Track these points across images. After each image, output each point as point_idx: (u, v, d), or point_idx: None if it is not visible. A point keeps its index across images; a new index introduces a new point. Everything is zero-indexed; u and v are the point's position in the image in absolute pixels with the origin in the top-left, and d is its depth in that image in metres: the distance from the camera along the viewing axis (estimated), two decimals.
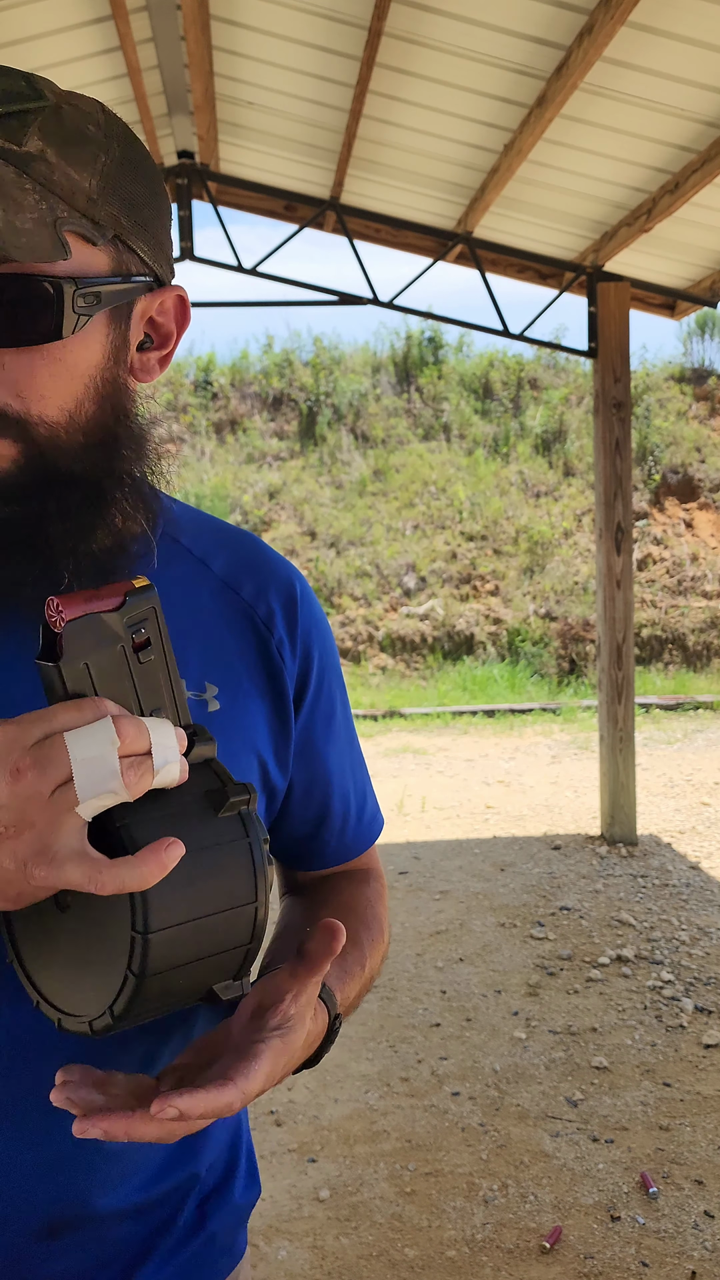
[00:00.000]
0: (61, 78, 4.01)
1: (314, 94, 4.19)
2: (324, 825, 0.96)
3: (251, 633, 0.85)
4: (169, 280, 0.77)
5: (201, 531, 0.88)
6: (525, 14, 3.28)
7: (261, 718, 0.84)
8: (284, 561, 0.91)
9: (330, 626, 1.12)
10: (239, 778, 0.74)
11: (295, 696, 0.87)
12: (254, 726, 0.83)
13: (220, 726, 0.79)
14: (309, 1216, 2.38)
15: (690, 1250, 2.25)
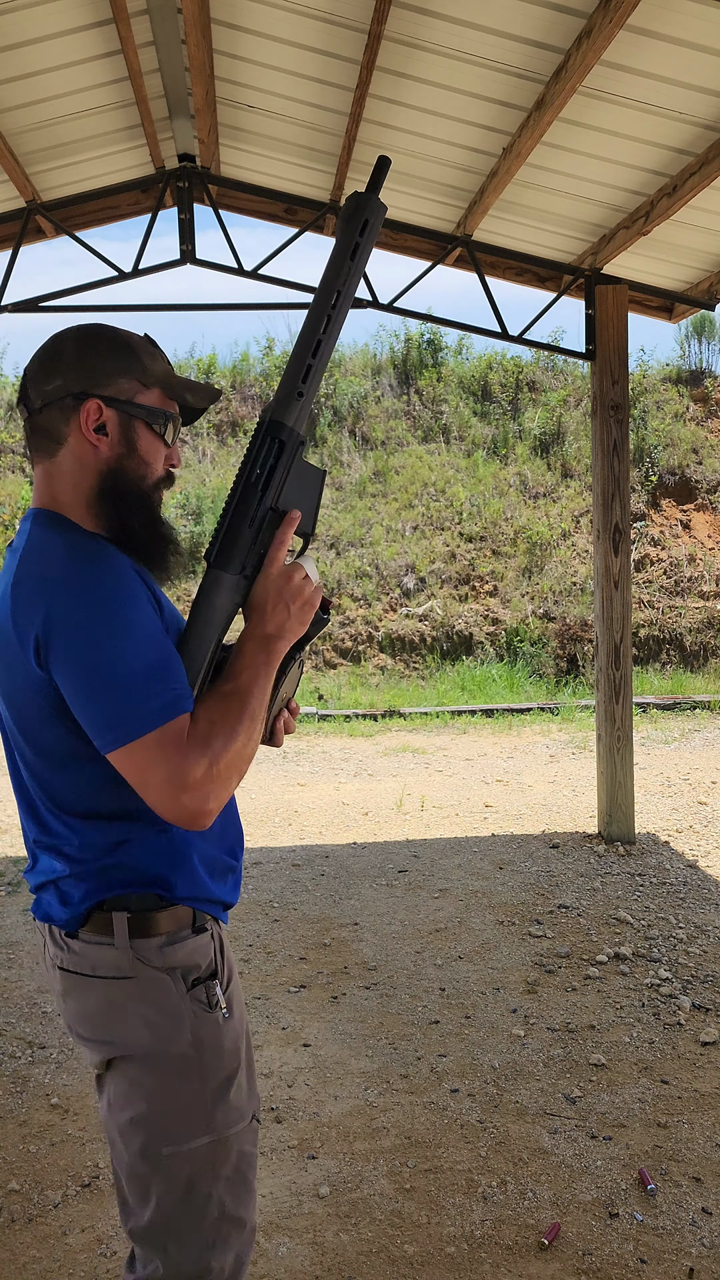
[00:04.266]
0: (63, 81, 4.03)
1: (314, 97, 4.20)
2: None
3: None
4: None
5: None
6: (524, 18, 3.30)
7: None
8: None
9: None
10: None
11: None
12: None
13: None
14: (308, 1213, 2.40)
15: (688, 1247, 2.27)
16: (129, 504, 1.39)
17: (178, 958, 1.38)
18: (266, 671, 1.35)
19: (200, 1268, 1.39)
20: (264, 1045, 3.22)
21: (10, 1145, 2.70)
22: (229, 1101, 1.40)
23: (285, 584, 1.36)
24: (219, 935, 1.44)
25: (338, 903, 4.57)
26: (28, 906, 4.59)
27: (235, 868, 1.49)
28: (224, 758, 1.27)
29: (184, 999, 1.37)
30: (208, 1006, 1.39)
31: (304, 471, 1.41)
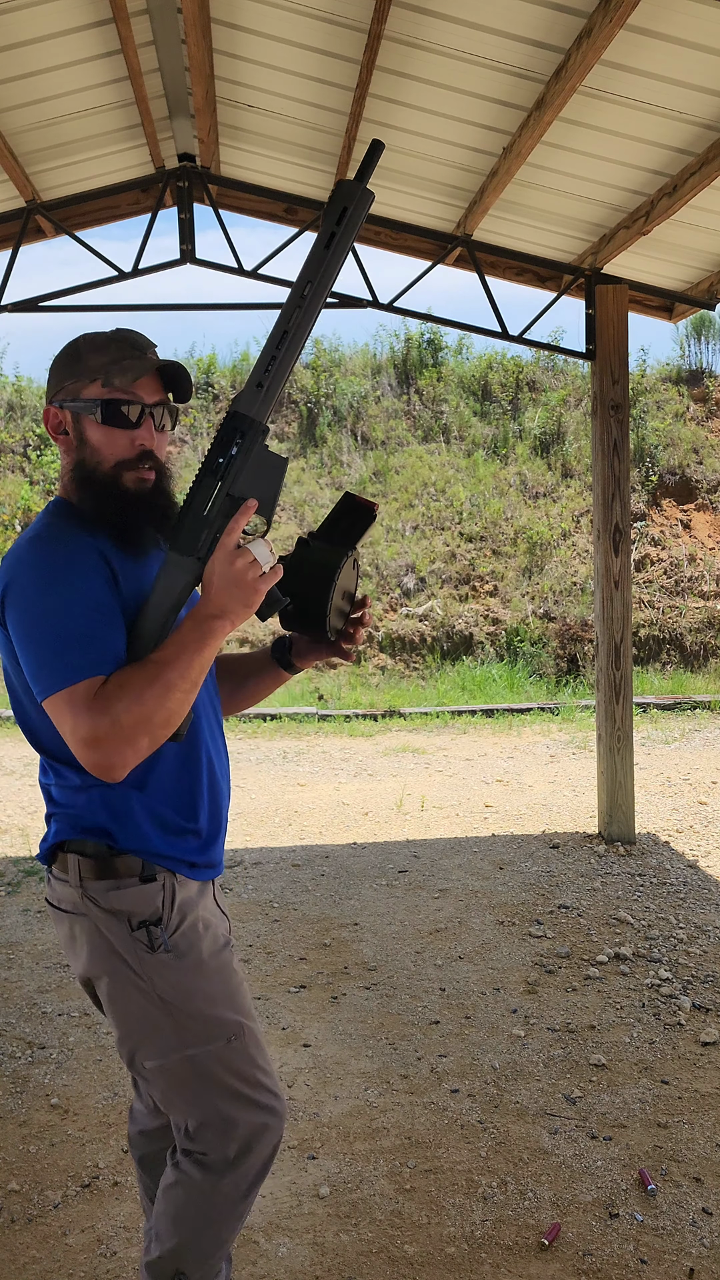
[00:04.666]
0: (63, 81, 4.03)
1: (314, 97, 4.20)
2: None
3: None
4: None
5: None
6: (524, 17, 3.30)
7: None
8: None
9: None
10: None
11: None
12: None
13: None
14: (309, 1213, 2.39)
15: (688, 1247, 2.27)
16: (92, 490, 1.57)
17: (123, 902, 1.56)
18: (196, 647, 1.46)
19: (199, 1143, 1.62)
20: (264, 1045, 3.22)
21: (10, 1145, 2.70)
22: (192, 1026, 1.58)
23: (229, 567, 1.45)
24: (172, 887, 1.59)
25: (338, 903, 4.57)
26: (28, 906, 4.59)
27: (196, 830, 1.63)
28: (125, 719, 1.40)
29: (128, 939, 1.56)
30: (149, 948, 1.56)
31: (265, 460, 1.49)
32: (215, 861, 1.68)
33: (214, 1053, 1.60)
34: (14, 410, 13.41)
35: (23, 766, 7.77)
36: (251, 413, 1.48)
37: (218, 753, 1.70)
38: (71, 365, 1.58)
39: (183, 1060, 1.59)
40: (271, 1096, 1.66)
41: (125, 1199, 2.46)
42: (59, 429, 1.60)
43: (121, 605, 1.52)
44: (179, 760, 1.62)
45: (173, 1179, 1.66)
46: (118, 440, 1.57)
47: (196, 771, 1.64)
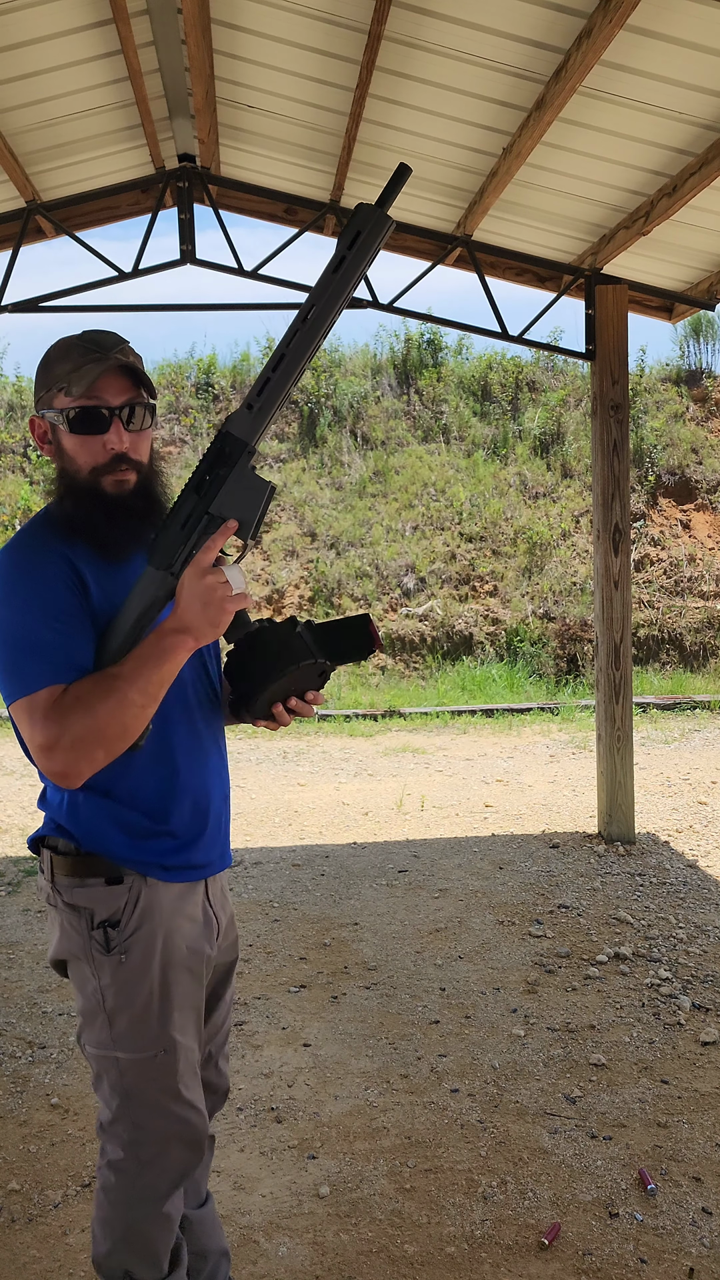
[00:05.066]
0: (63, 81, 4.03)
1: (314, 97, 4.20)
2: None
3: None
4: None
5: None
6: (524, 18, 3.30)
7: None
8: None
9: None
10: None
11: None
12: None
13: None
14: (309, 1213, 2.40)
15: (688, 1247, 2.27)
16: (74, 497, 1.58)
17: (86, 900, 1.60)
18: (155, 662, 1.46)
19: (111, 1144, 1.66)
20: (264, 1045, 3.22)
21: (10, 1145, 2.70)
22: (124, 1032, 1.62)
23: (199, 584, 1.45)
24: (139, 890, 1.60)
25: (338, 903, 4.57)
26: (28, 906, 4.59)
27: (168, 832, 1.63)
28: (78, 730, 1.43)
29: (87, 935, 1.61)
30: (104, 949, 1.60)
31: (251, 483, 1.48)
32: (199, 862, 1.67)
33: (139, 1062, 1.63)
34: (14, 410, 13.42)
35: (23, 766, 7.77)
36: (241, 434, 1.48)
37: (201, 753, 1.68)
38: (44, 374, 1.59)
39: (112, 1059, 1.64)
40: (189, 1110, 1.67)
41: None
42: (44, 439, 1.62)
43: (94, 613, 1.53)
44: (148, 764, 1.61)
45: (98, 1184, 1.71)
46: (90, 446, 1.56)
47: (168, 774, 1.63)
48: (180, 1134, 1.66)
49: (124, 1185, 1.66)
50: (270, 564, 12.11)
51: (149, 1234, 1.67)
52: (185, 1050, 1.66)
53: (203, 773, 1.68)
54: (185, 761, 1.65)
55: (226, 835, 1.76)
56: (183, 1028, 1.65)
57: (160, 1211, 1.67)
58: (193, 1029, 1.68)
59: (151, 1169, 1.65)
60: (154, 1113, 1.64)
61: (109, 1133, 1.67)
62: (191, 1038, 1.68)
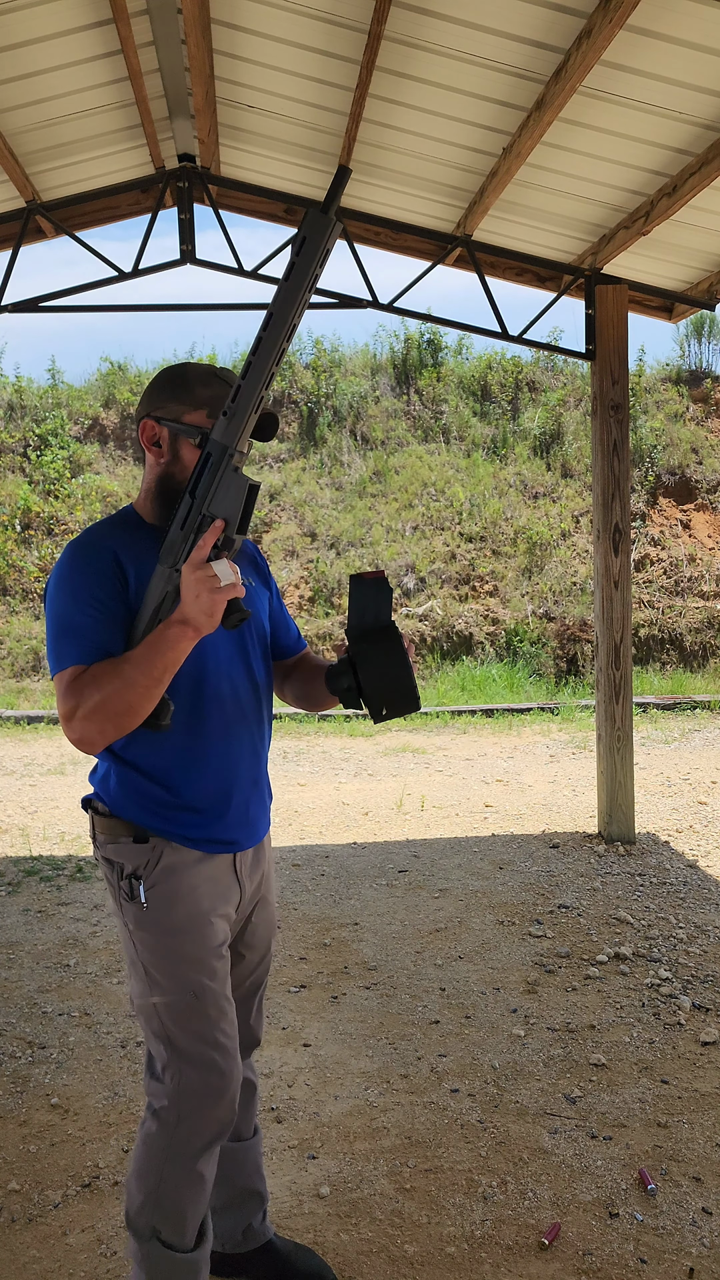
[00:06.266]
0: (63, 81, 4.03)
1: (314, 97, 4.20)
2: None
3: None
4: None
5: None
6: (524, 17, 3.30)
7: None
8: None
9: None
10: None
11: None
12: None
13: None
14: (309, 1213, 2.40)
15: (688, 1247, 2.27)
16: (168, 500, 1.79)
17: (117, 855, 1.82)
18: (159, 649, 1.63)
19: (157, 1092, 1.83)
20: (264, 1045, 3.22)
21: (10, 1145, 2.70)
22: (157, 977, 1.80)
23: (190, 578, 1.60)
24: (161, 851, 1.80)
25: (338, 903, 4.57)
26: (28, 906, 4.59)
27: (191, 808, 1.81)
28: (88, 705, 1.64)
29: (117, 885, 1.82)
30: (130, 897, 1.80)
31: (235, 482, 1.64)
32: (222, 838, 1.84)
33: (172, 1005, 1.80)
34: (14, 410, 13.41)
35: (23, 766, 7.77)
36: (221, 439, 1.62)
37: (231, 738, 1.85)
38: (178, 390, 1.78)
39: (151, 1006, 1.81)
40: (225, 1058, 1.82)
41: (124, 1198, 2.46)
42: (153, 441, 1.80)
43: (131, 604, 1.74)
44: (176, 744, 1.79)
45: (139, 1136, 1.86)
46: None
47: (195, 755, 1.81)
48: (216, 1085, 1.81)
49: (163, 1135, 1.81)
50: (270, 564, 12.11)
51: (180, 1193, 1.81)
52: (214, 995, 1.82)
53: (231, 757, 1.84)
54: (213, 744, 1.82)
55: (257, 816, 1.91)
56: (211, 972, 1.82)
57: (194, 1169, 1.81)
58: (220, 976, 1.83)
59: (188, 1122, 1.80)
60: (193, 1061, 1.80)
61: (159, 1081, 1.83)
62: (220, 983, 1.83)
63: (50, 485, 12.59)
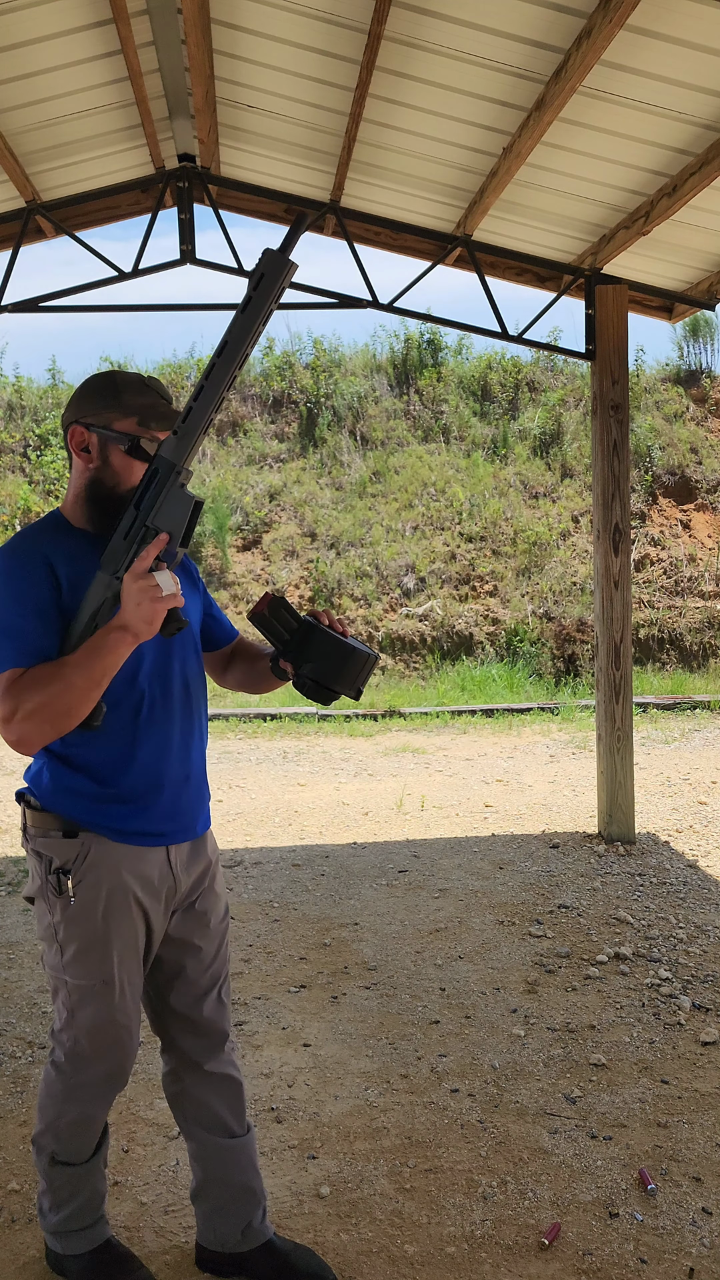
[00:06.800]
0: (63, 81, 4.03)
1: (314, 97, 4.20)
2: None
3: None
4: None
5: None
6: (524, 17, 3.30)
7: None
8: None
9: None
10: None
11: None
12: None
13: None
14: (309, 1213, 2.40)
15: (688, 1247, 2.27)
16: (103, 504, 1.86)
17: (46, 848, 1.90)
18: (99, 653, 1.71)
19: (57, 1048, 2.00)
20: (264, 1045, 3.22)
21: (10, 1145, 2.70)
22: (76, 961, 1.91)
23: (133, 587, 1.68)
24: (89, 846, 1.88)
25: (338, 903, 4.57)
26: (28, 906, 4.59)
27: (120, 798, 1.89)
28: (28, 707, 1.70)
29: (44, 878, 1.91)
30: (57, 891, 1.89)
31: (181, 499, 1.73)
32: (153, 831, 1.93)
33: (82, 988, 1.92)
34: (14, 410, 13.41)
35: (22, 766, 7.77)
36: (170, 456, 1.71)
37: (162, 736, 1.93)
38: (107, 398, 1.85)
39: (62, 980, 1.94)
40: (123, 1038, 1.97)
41: (125, 1199, 2.46)
42: (82, 447, 1.86)
43: (64, 607, 1.80)
44: (107, 741, 1.88)
45: (42, 1076, 2.06)
46: (137, 470, 1.85)
47: (125, 751, 1.89)
48: (108, 1058, 1.97)
49: (59, 1083, 2.00)
50: (270, 564, 12.11)
51: (74, 1127, 2.02)
52: (123, 984, 1.94)
53: (159, 751, 1.92)
54: (142, 739, 1.90)
55: (189, 810, 1.99)
56: (122, 965, 1.93)
57: (84, 1113, 2.02)
58: (133, 967, 1.95)
59: (81, 1075, 1.98)
60: (90, 1034, 1.95)
61: (57, 1039, 2.00)
62: (132, 974, 1.95)
63: (50, 485, 12.59)
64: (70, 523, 1.90)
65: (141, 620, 1.68)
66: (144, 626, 1.69)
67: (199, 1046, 2.10)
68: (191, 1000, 2.07)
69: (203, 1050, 2.10)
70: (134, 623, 1.69)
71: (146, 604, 1.67)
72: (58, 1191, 2.07)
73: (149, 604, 1.67)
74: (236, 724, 9.50)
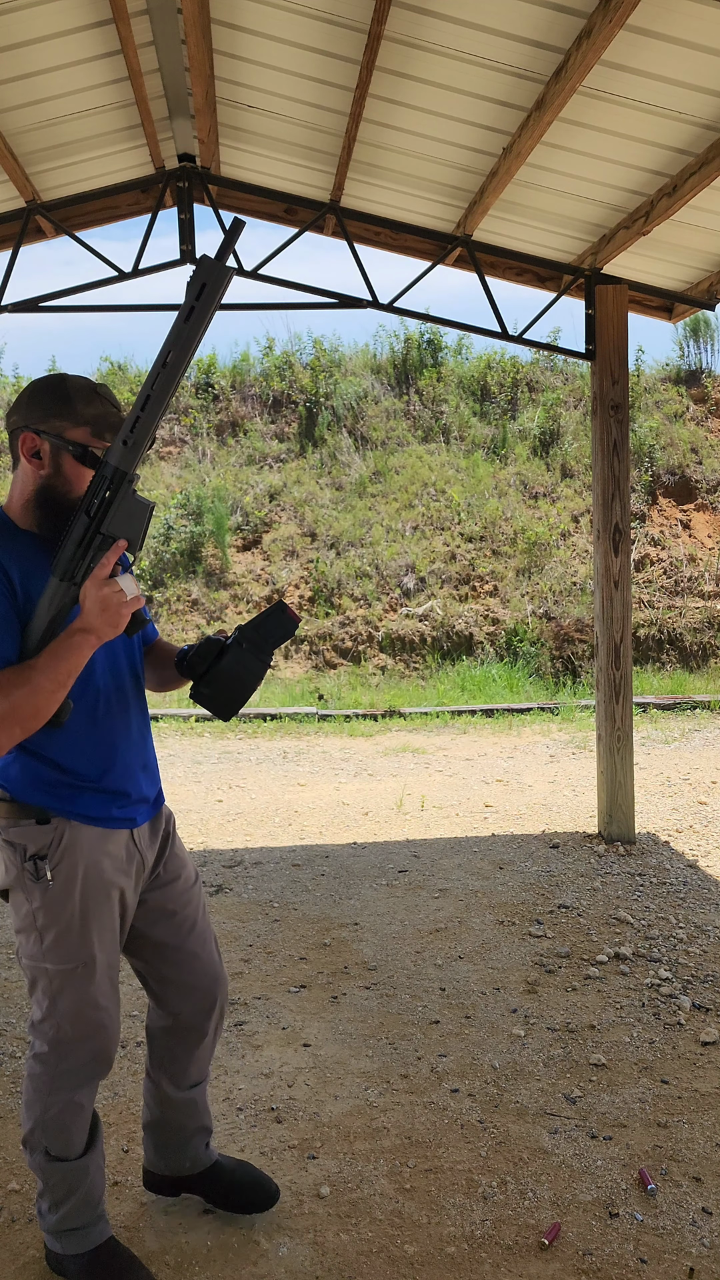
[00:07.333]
0: (63, 81, 4.03)
1: (314, 97, 4.20)
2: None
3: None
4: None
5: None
6: (524, 17, 3.30)
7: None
8: None
9: None
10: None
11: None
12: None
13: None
14: (309, 1213, 2.40)
15: (688, 1247, 2.27)
16: (53, 509, 1.91)
17: (20, 837, 1.97)
18: (64, 656, 1.78)
19: (39, 1039, 2.05)
20: (264, 1045, 3.22)
21: (10, 1145, 2.70)
22: (56, 946, 1.97)
23: (97, 593, 1.77)
24: (64, 831, 1.96)
25: (338, 903, 4.57)
26: None
27: (93, 788, 1.99)
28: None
29: (20, 866, 1.97)
30: (34, 877, 1.95)
31: (134, 505, 1.80)
32: (119, 816, 2.03)
33: (64, 972, 1.98)
34: None
35: None
36: (120, 464, 1.78)
37: (120, 727, 2.03)
38: (60, 406, 1.89)
39: (43, 969, 2.00)
40: (104, 1019, 2.04)
41: (125, 1199, 2.46)
42: (34, 453, 1.91)
43: (19, 611, 1.85)
44: (73, 736, 1.96)
45: (25, 1073, 2.10)
46: (86, 476, 1.90)
47: (91, 742, 1.98)
48: (92, 1041, 2.03)
49: (45, 1074, 2.04)
50: (270, 564, 12.11)
51: (63, 1119, 2.05)
52: (103, 965, 2.02)
53: (120, 740, 2.03)
54: (104, 731, 2.00)
55: (148, 793, 2.10)
56: (101, 945, 2.01)
57: (73, 1100, 2.05)
58: (110, 947, 2.03)
59: (66, 1062, 2.03)
60: (74, 1018, 2.01)
61: (38, 1030, 2.04)
62: (110, 954, 2.03)
63: None
64: (16, 525, 1.95)
65: (106, 624, 1.78)
66: (108, 629, 1.79)
67: (196, 1011, 2.23)
68: (182, 964, 2.18)
69: (200, 1014, 2.24)
70: (98, 626, 1.78)
71: (112, 608, 1.77)
72: (54, 1189, 2.10)
73: (114, 608, 1.77)
74: (236, 724, 9.50)
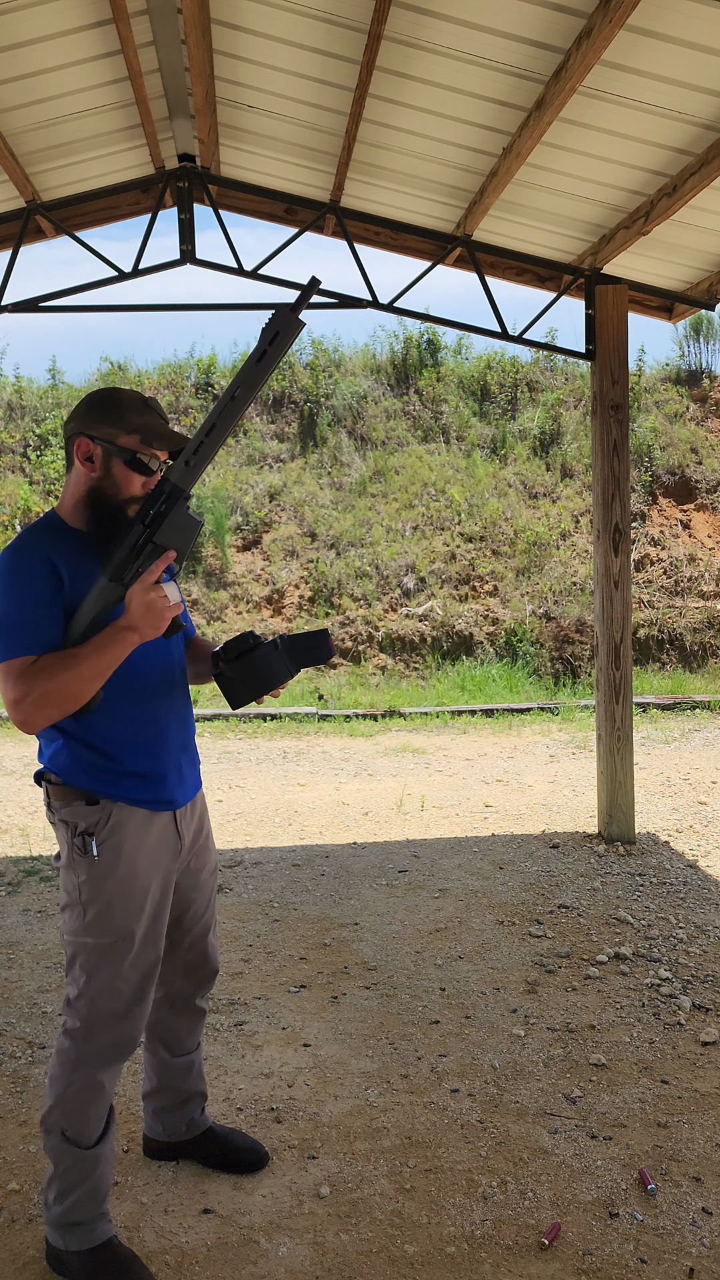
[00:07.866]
0: (63, 81, 4.03)
1: (314, 98, 4.20)
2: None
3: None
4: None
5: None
6: (524, 17, 3.30)
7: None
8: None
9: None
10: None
11: None
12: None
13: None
14: (309, 1213, 2.40)
15: (688, 1247, 2.27)
16: (102, 511, 2.06)
17: (70, 815, 2.09)
18: (107, 648, 1.94)
19: (71, 1015, 2.14)
20: (264, 1045, 3.22)
21: (10, 1145, 2.70)
22: (98, 920, 2.08)
23: (144, 597, 1.94)
24: (110, 811, 2.08)
25: (338, 903, 4.57)
26: (28, 906, 4.59)
27: (135, 774, 2.10)
28: (38, 691, 1.90)
29: (70, 841, 2.10)
30: (82, 851, 2.08)
31: (185, 520, 1.97)
32: (163, 799, 2.15)
33: (102, 947, 2.09)
34: (14, 410, 13.41)
35: (23, 766, 7.77)
36: (179, 482, 1.94)
37: (162, 716, 2.15)
38: (110, 415, 2.05)
39: (82, 943, 2.10)
40: (135, 1003, 2.13)
41: (125, 1199, 2.46)
42: (87, 457, 2.06)
43: (66, 603, 1.99)
44: (120, 720, 2.08)
45: (55, 1049, 2.18)
46: (135, 481, 2.06)
47: (136, 728, 2.10)
48: (123, 1020, 2.12)
49: (72, 1049, 2.12)
50: (270, 564, 12.11)
51: (83, 1098, 2.12)
52: (139, 941, 2.12)
53: (164, 727, 2.15)
54: (148, 718, 2.12)
55: (189, 777, 2.24)
56: (141, 922, 2.11)
57: (96, 1079, 2.13)
58: (148, 926, 2.13)
59: (94, 1040, 2.12)
60: (108, 993, 2.11)
61: (72, 1007, 2.13)
62: (148, 933, 2.13)
63: (50, 485, 12.59)
64: (67, 524, 2.09)
65: (149, 625, 1.94)
66: (150, 630, 1.95)
67: (189, 986, 2.41)
68: (186, 946, 2.35)
69: (192, 989, 2.42)
70: (141, 626, 1.94)
71: (156, 612, 1.93)
72: (64, 1175, 2.15)
73: (158, 612, 1.94)
74: (236, 724, 9.50)
